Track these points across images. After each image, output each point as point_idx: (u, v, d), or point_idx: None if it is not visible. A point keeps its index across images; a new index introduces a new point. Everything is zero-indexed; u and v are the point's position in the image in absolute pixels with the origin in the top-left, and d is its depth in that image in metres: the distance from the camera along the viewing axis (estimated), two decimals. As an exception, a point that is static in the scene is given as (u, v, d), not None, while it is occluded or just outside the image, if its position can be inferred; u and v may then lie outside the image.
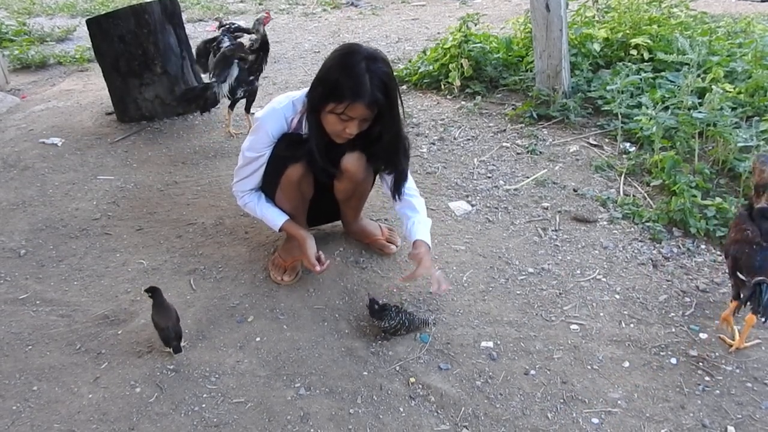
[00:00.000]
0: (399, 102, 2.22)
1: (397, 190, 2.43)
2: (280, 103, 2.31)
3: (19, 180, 3.63)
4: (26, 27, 7.41)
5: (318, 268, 2.37)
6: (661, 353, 2.14)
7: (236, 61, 3.73)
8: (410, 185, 2.49)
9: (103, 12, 7.87)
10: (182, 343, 2.21)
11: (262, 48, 3.75)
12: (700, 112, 3.18)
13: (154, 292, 2.19)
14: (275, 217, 2.46)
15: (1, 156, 3.96)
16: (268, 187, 2.48)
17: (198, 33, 7.04)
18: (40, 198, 3.40)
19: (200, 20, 7.93)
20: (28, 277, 2.73)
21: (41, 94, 5.37)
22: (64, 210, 3.25)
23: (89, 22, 4.29)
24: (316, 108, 2.19)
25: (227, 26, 3.96)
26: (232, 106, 3.94)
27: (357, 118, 2.13)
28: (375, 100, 2.09)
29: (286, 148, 2.33)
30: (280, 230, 2.49)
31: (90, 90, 5.27)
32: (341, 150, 2.31)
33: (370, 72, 2.07)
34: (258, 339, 2.29)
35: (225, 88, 3.76)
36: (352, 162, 2.33)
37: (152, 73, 4.28)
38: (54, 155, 3.92)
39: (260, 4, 8.85)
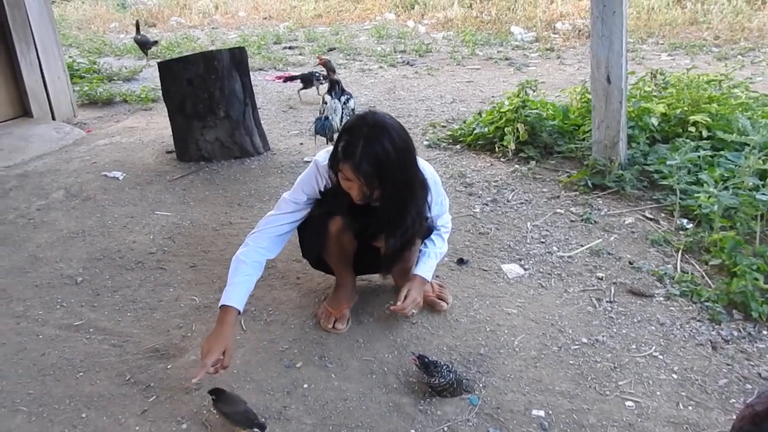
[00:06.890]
0: (406, 180, 2.16)
1: (384, 263, 2.46)
2: (324, 159, 2.29)
3: (80, 210, 3.75)
4: (96, 65, 7.81)
5: (198, 376, 2.04)
6: (722, 440, 2.05)
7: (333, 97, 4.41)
8: (446, 221, 2.62)
9: (168, 56, 8.25)
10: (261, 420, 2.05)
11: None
12: (763, 193, 3.12)
13: (218, 394, 2.05)
14: (227, 290, 2.22)
15: (64, 185, 4.11)
16: (314, 245, 2.51)
17: (257, 81, 7.28)
18: (99, 228, 3.49)
19: (260, 69, 8.20)
20: (84, 304, 2.78)
21: (106, 129, 5.59)
22: (121, 242, 3.33)
23: (161, 65, 4.49)
24: (332, 166, 2.19)
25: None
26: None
27: (351, 180, 2.10)
28: (359, 169, 2.04)
29: (323, 205, 2.35)
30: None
31: (152, 128, 5.47)
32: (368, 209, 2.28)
33: (366, 139, 2.04)
34: (305, 386, 2.27)
35: (336, 120, 4.34)
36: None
37: (215, 116, 4.43)
38: (115, 188, 4.05)
39: (318, 57, 9.10)
